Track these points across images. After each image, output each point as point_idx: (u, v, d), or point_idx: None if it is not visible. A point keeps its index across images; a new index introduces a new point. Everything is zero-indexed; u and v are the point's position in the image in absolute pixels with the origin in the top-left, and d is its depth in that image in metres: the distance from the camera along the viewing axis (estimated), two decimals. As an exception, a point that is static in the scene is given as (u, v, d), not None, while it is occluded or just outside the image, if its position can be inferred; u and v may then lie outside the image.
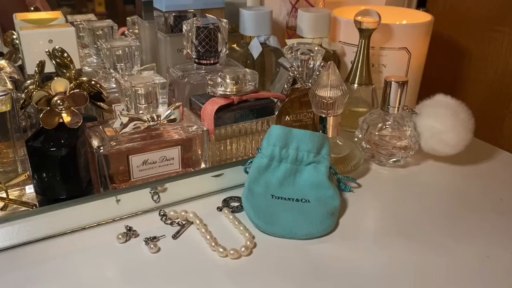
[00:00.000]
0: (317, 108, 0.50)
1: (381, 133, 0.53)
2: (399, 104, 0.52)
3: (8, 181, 0.42)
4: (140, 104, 0.43)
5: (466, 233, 0.43)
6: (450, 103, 0.53)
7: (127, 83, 0.43)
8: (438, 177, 0.53)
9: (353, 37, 0.60)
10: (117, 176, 0.44)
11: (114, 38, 0.58)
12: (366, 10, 0.56)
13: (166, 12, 0.56)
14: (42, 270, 0.37)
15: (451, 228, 0.44)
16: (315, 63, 0.53)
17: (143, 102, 0.43)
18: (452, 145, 0.52)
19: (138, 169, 0.44)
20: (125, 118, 0.42)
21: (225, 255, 0.39)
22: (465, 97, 0.56)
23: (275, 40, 0.61)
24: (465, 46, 0.71)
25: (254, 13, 0.59)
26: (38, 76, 0.44)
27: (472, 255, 0.40)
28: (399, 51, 0.60)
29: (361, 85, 0.59)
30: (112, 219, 0.43)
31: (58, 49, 0.46)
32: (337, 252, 0.40)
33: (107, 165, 0.43)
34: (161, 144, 0.44)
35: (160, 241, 0.41)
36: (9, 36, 0.60)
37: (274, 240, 0.41)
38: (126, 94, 0.43)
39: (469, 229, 0.44)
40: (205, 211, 0.44)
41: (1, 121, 0.42)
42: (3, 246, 0.39)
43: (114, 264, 0.38)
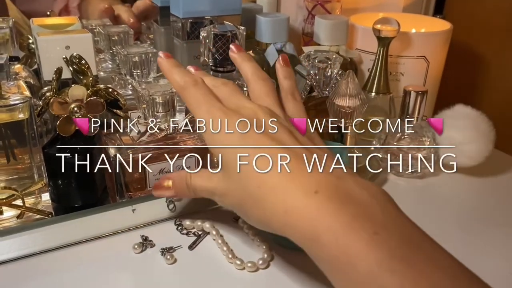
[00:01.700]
0: (335, 117, 0.49)
1: (400, 143, 0.52)
2: (418, 114, 0.51)
3: (24, 189, 0.42)
4: (158, 112, 0.42)
5: (487, 248, 0.42)
6: (471, 113, 0.52)
7: (144, 91, 0.42)
8: (457, 189, 0.52)
9: (371, 45, 0.59)
10: (132, 184, 0.43)
11: (130, 44, 0.58)
12: (385, 18, 0.56)
13: (183, 19, 0.56)
14: (58, 280, 0.37)
15: (470, 243, 0.43)
16: (333, 71, 0.53)
17: (161, 110, 0.42)
18: (472, 157, 0.51)
19: (154, 178, 0.43)
20: (143, 127, 0.42)
21: (242, 267, 0.38)
22: (482, 107, 0.55)
23: (291, 47, 0.60)
24: (483, 54, 0.70)
25: (271, 20, 0.58)
26: (55, 83, 0.44)
27: (493, 272, 0.39)
28: (417, 59, 0.59)
29: (378, 93, 0.58)
30: (128, 228, 0.42)
31: (76, 56, 0.45)
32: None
33: (123, 173, 0.42)
34: (178, 152, 0.44)
35: (176, 252, 0.40)
36: (25, 40, 0.59)
37: (292, 253, 0.41)
38: (143, 102, 0.43)
39: (490, 244, 0.43)
40: (221, 221, 0.44)
41: (19, 128, 0.42)
42: (19, 255, 0.38)
43: (131, 275, 0.38)
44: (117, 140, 0.43)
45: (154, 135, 0.43)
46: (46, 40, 0.47)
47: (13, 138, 0.42)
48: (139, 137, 0.42)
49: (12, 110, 0.41)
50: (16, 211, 0.41)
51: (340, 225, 0.27)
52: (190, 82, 0.36)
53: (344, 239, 0.27)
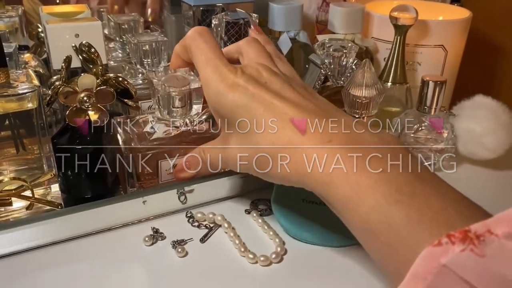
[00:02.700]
0: (350, 108, 0.48)
1: (417, 134, 0.50)
2: (436, 105, 0.49)
3: (34, 180, 0.41)
4: (174, 107, 0.41)
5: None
6: (491, 104, 0.50)
7: (161, 87, 0.41)
8: (475, 182, 0.51)
9: (387, 33, 0.58)
10: (144, 175, 0.43)
11: (140, 32, 0.57)
12: (403, 6, 0.54)
13: (194, 6, 0.54)
14: (68, 272, 0.36)
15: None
16: (348, 60, 0.51)
17: (177, 105, 0.41)
18: (492, 149, 0.50)
19: (166, 173, 0.43)
20: (158, 125, 0.41)
21: (255, 261, 0.37)
22: (502, 97, 0.53)
23: (305, 36, 0.59)
24: (503, 42, 0.68)
25: (285, 7, 0.57)
26: (64, 72, 0.43)
27: None
28: (435, 48, 0.58)
29: (395, 83, 0.57)
30: (138, 220, 0.42)
31: (85, 44, 0.44)
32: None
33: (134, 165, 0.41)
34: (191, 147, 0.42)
35: (188, 244, 0.39)
36: (34, 29, 0.59)
37: (306, 247, 0.40)
38: (159, 97, 0.41)
39: None
40: (233, 214, 0.43)
41: (28, 117, 0.41)
42: (28, 247, 0.38)
43: (141, 267, 0.37)
44: (130, 131, 0.42)
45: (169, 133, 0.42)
46: (55, 28, 0.46)
47: (22, 128, 0.42)
48: (153, 133, 0.41)
49: (21, 99, 0.40)
50: (25, 202, 0.41)
51: (350, 166, 0.29)
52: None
53: (355, 177, 0.29)
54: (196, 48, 0.37)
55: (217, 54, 0.36)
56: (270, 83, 0.35)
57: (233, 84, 0.34)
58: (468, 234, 0.23)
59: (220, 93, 0.35)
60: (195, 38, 0.37)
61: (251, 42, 0.39)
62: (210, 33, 0.38)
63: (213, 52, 0.36)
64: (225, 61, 0.36)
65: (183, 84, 0.41)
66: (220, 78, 0.35)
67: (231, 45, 0.41)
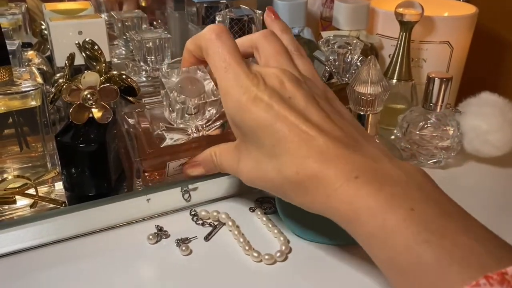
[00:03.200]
0: (355, 105, 0.47)
1: (422, 132, 0.50)
2: (442, 102, 0.49)
3: (37, 178, 0.41)
4: (188, 113, 0.39)
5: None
6: (497, 101, 0.50)
7: (173, 94, 0.38)
8: (481, 180, 0.50)
9: (392, 30, 0.57)
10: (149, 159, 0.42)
11: (143, 29, 0.56)
12: (408, 2, 0.53)
13: (198, 3, 0.54)
14: (71, 270, 0.36)
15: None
16: (353, 57, 0.51)
17: (191, 112, 0.39)
18: (498, 146, 0.49)
19: (174, 170, 0.42)
20: (169, 133, 0.40)
21: (260, 260, 0.37)
22: (509, 94, 0.52)
23: (309, 32, 0.58)
24: (509, 39, 0.68)
25: (289, 4, 0.56)
26: (68, 69, 0.43)
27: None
28: (441, 45, 0.57)
29: (400, 80, 0.56)
30: (142, 218, 0.42)
31: (89, 41, 0.44)
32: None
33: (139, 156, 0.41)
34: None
35: (192, 243, 0.39)
36: (37, 26, 0.59)
37: (311, 245, 0.39)
38: (170, 102, 0.39)
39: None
40: (238, 212, 0.43)
41: (31, 115, 0.41)
42: (32, 245, 0.38)
43: (146, 266, 0.37)
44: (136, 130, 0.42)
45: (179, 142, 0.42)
46: (58, 25, 0.46)
47: (26, 126, 0.41)
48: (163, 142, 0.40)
49: (24, 97, 0.40)
50: (29, 200, 0.41)
51: (378, 204, 0.28)
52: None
53: (382, 216, 0.28)
54: (214, 52, 0.34)
55: (237, 59, 0.34)
56: (294, 99, 0.33)
57: (256, 98, 0.32)
58: (505, 276, 0.23)
59: (241, 107, 0.33)
60: (212, 40, 0.34)
61: (268, 37, 0.36)
62: (228, 32, 0.35)
63: (233, 57, 0.34)
64: (245, 68, 0.33)
65: (198, 91, 0.38)
66: (242, 91, 0.32)
67: (244, 38, 0.37)
